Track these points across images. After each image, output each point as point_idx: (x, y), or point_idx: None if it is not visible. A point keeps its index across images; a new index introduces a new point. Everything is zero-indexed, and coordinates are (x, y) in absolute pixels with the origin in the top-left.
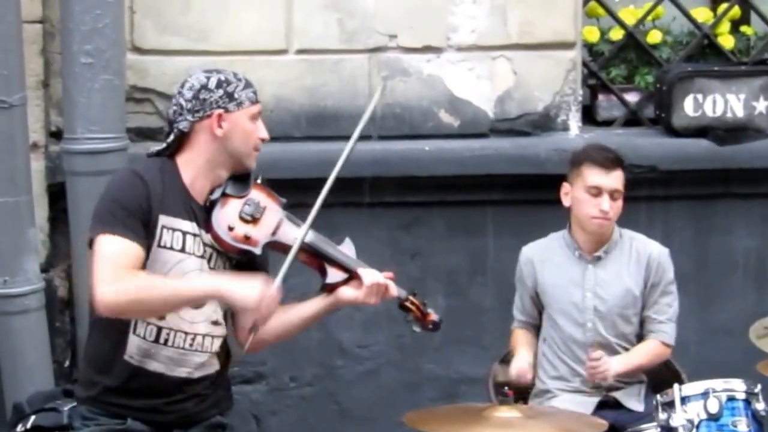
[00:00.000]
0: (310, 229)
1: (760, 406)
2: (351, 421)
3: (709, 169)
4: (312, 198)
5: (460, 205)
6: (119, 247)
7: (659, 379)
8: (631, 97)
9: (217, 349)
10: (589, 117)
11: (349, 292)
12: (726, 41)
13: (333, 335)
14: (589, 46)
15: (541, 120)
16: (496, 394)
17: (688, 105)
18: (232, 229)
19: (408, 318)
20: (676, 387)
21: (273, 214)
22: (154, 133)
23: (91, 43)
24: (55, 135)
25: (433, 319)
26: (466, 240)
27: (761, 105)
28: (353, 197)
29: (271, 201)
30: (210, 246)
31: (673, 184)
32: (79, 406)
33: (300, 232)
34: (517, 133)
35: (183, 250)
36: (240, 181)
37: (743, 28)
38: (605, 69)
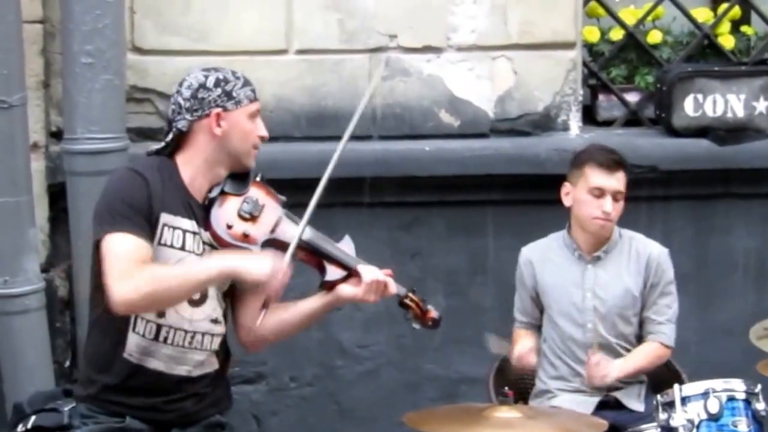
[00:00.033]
0: (309, 227)
1: (760, 406)
2: (351, 421)
3: (710, 169)
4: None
5: (460, 205)
6: (129, 244)
7: (659, 379)
8: (632, 97)
9: (216, 348)
10: (589, 117)
11: (348, 289)
12: (726, 41)
13: (333, 335)
14: (589, 46)
15: (541, 120)
16: (498, 383)
17: (688, 105)
18: (230, 227)
19: (407, 315)
20: (677, 387)
21: (272, 212)
22: (154, 134)
23: (91, 44)
24: (56, 135)
25: (432, 316)
26: (466, 240)
27: (761, 105)
28: (353, 197)
29: (270, 199)
30: (209, 244)
31: (673, 184)
32: (78, 404)
33: (301, 226)
34: (517, 133)
35: (183, 248)
36: (239, 179)
37: (743, 28)
38: (605, 69)
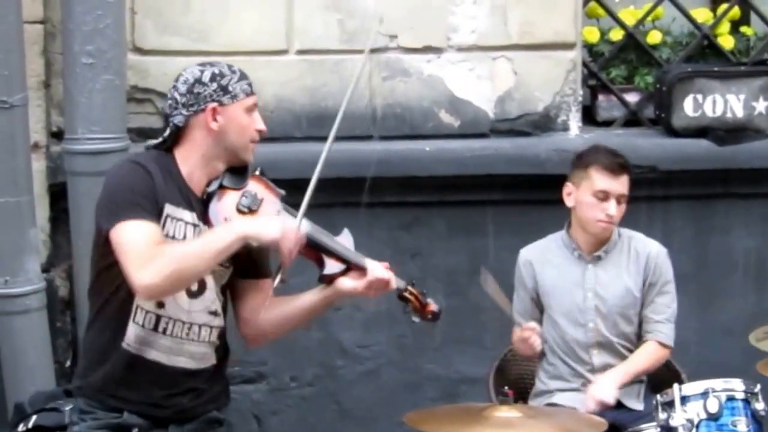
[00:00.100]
0: (308, 221)
1: (760, 405)
2: (351, 421)
3: (709, 169)
4: (314, 198)
5: (460, 205)
6: (143, 231)
7: (659, 378)
8: (631, 97)
9: (214, 341)
10: (589, 117)
11: (348, 283)
12: (726, 42)
13: (333, 335)
14: (589, 47)
15: (541, 120)
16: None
17: (687, 105)
18: (228, 221)
19: (406, 309)
20: (676, 387)
21: (270, 206)
22: (155, 134)
23: (92, 44)
24: (56, 135)
25: (432, 309)
26: (466, 240)
27: (761, 105)
28: (353, 197)
29: (268, 193)
30: None
31: (673, 185)
32: (76, 399)
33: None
34: (517, 133)
35: (185, 239)
36: (238, 173)
37: (743, 29)
38: (605, 69)
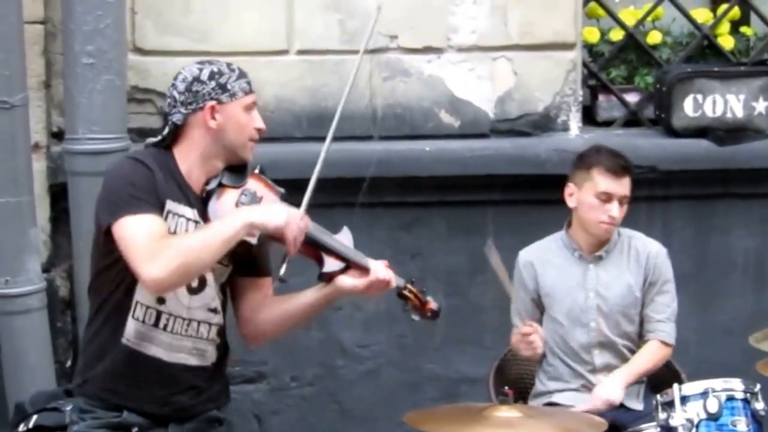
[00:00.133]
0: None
1: (760, 405)
2: (352, 421)
3: (709, 169)
4: (314, 198)
5: (460, 205)
6: (147, 224)
7: (659, 378)
8: (631, 97)
9: (213, 338)
10: (589, 117)
11: (348, 281)
12: (726, 42)
13: (334, 335)
14: (589, 47)
15: (541, 120)
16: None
17: (687, 105)
18: None
19: (406, 307)
20: (676, 387)
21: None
22: (155, 134)
23: (92, 44)
24: (57, 135)
25: (432, 307)
26: (466, 240)
27: (761, 105)
28: (353, 197)
29: (268, 191)
30: None
31: (672, 185)
32: (76, 398)
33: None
34: (517, 133)
35: None
36: (237, 171)
37: (743, 29)
38: (605, 70)
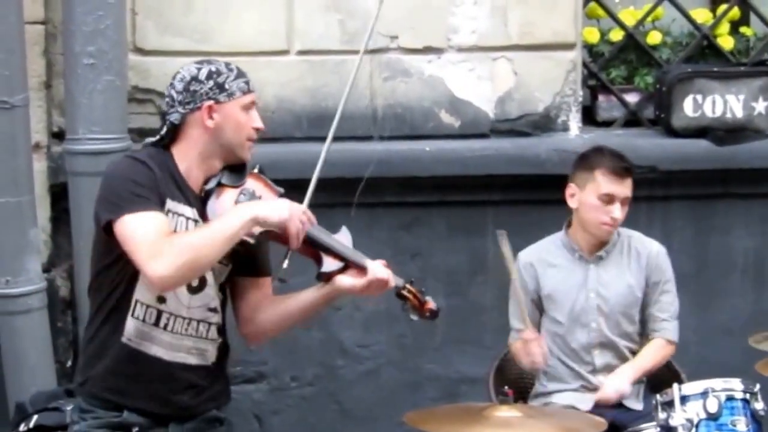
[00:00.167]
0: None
1: (759, 405)
2: (352, 421)
3: (709, 169)
4: (314, 198)
5: (460, 205)
6: (149, 222)
7: (659, 378)
8: (631, 97)
9: (213, 337)
10: (589, 117)
11: (346, 280)
12: (725, 42)
13: (334, 335)
14: (589, 47)
15: (541, 120)
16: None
17: (687, 106)
18: None
19: (405, 307)
20: (676, 386)
21: None
22: (156, 134)
23: (93, 44)
24: (58, 135)
25: (430, 307)
26: (466, 240)
27: (760, 105)
28: (354, 197)
29: (267, 190)
30: None
31: (672, 185)
32: (77, 397)
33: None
34: (517, 133)
35: None
36: (236, 171)
37: (742, 29)
38: (605, 70)
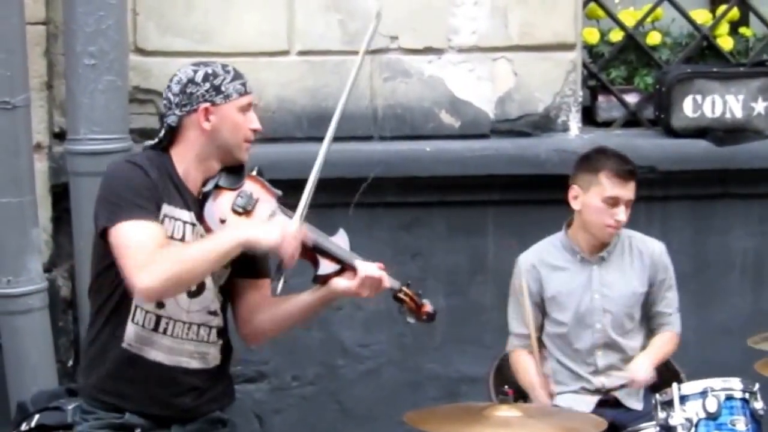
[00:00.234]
0: (303, 222)
1: (759, 405)
2: (352, 420)
3: (708, 169)
4: (314, 198)
5: (460, 205)
6: (142, 231)
7: (658, 378)
8: (631, 98)
9: (214, 340)
10: (589, 118)
11: (342, 283)
12: (725, 43)
13: (334, 335)
14: (589, 48)
15: (541, 121)
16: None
17: (687, 106)
18: (223, 221)
19: (402, 309)
20: (675, 386)
21: (266, 206)
22: (156, 134)
23: (94, 45)
24: (59, 136)
25: (427, 310)
26: (466, 240)
27: (760, 106)
28: (354, 198)
29: (264, 193)
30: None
31: (672, 185)
32: (80, 399)
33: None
34: (517, 133)
35: (183, 239)
36: (234, 173)
37: (742, 30)
38: (605, 70)
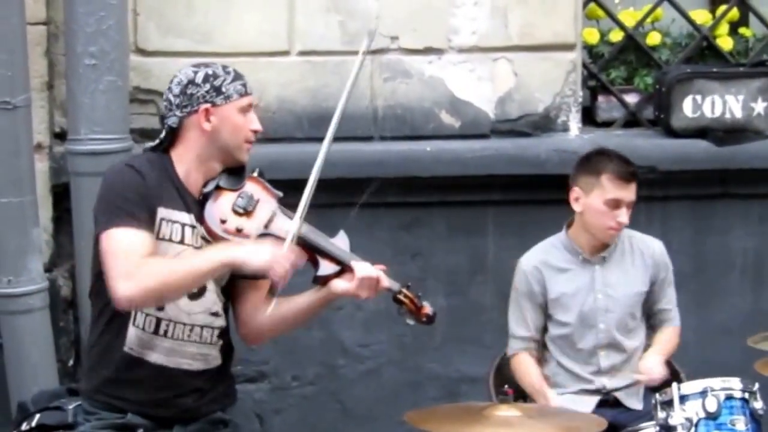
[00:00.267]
0: (303, 222)
1: (758, 404)
2: (353, 420)
3: (708, 169)
4: (314, 199)
5: (460, 205)
6: (129, 239)
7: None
8: (631, 98)
9: (216, 341)
10: (589, 118)
11: (341, 284)
12: (725, 43)
13: (335, 334)
14: (589, 48)
15: (541, 121)
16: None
17: (687, 106)
18: (224, 221)
19: (401, 311)
20: (675, 386)
21: (266, 207)
22: (157, 135)
23: (95, 45)
24: (59, 136)
25: (427, 312)
26: (466, 240)
27: (759, 106)
28: (354, 198)
29: (265, 194)
30: (206, 239)
31: (671, 185)
32: (82, 400)
33: (299, 211)
34: (517, 133)
35: (182, 241)
36: (235, 174)
37: (742, 30)
38: (605, 70)
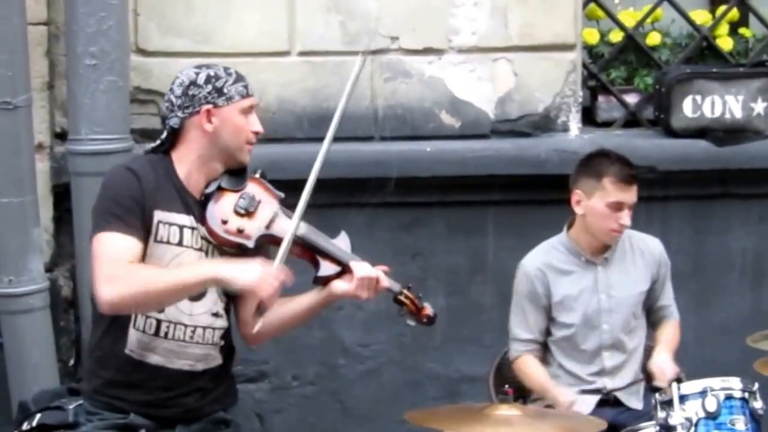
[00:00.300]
0: (304, 223)
1: (758, 404)
2: (353, 420)
3: (708, 169)
4: (315, 199)
5: (460, 205)
6: (117, 245)
7: None
8: (631, 98)
9: (218, 341)
10: (589, 118)
11: (341, 285)
12: (724, 43)
13: (335, 334)
14: (589, 48)
15: (541, 121)
16: None
17: (686, 106)
18: (225, 222)
19: (401, 312)
20: (675, 386)
21: (268, 208)
22: (157, 135)
23: (95, 45)
24: (60, 136)
25: (427, 313)
26: (466, 240)
27: (759, 106)
28: (354, 198)
29: (267, 195)
30: (207, 239)
31: (671, 185)
32: (84, 400)
33: (293, 222)
34: (517, 134)
35: (180, 243)
36: (237, 175)
37: (742, 30)
38: (605, 71)
